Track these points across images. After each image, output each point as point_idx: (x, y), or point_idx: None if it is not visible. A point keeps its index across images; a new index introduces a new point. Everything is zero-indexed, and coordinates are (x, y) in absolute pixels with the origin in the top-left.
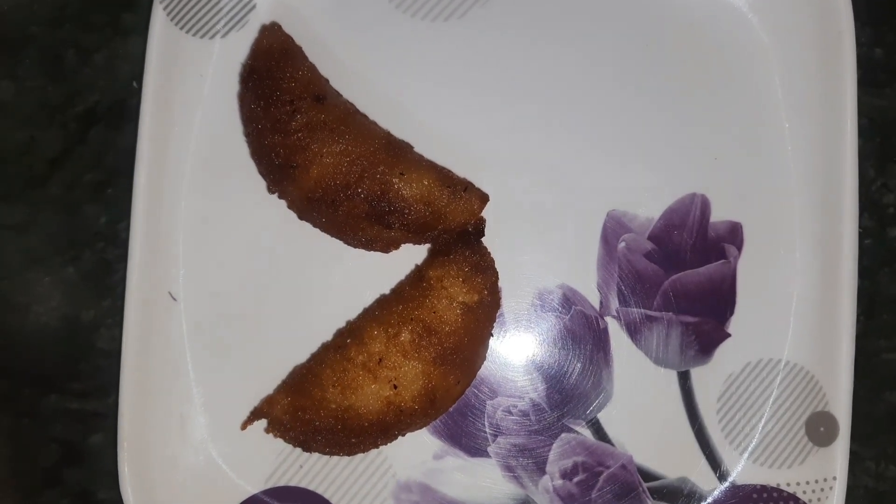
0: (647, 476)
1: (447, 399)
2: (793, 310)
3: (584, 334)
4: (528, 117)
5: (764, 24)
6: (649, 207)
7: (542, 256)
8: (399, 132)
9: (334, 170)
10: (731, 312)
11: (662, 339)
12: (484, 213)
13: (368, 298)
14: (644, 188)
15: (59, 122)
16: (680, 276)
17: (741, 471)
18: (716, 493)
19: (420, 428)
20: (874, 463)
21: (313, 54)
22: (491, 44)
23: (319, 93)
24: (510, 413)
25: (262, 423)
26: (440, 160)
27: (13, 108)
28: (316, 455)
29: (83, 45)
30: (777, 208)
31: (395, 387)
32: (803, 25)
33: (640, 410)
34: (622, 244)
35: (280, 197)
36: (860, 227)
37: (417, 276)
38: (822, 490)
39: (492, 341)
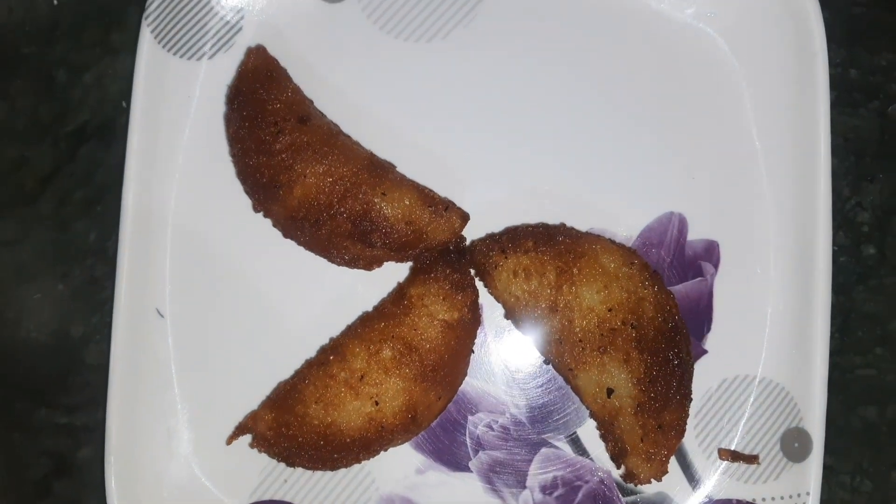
0: (626, 491)
1: (429, 415)
2: (768, 326)
3: None
4: (508, 137)
5: (733, 47)
6: (628, 226)
7: None
8: (382, 152)
9: (318, 189)
10: (708, 329)
11: None
12: (465, 232)
13: (351, 315)
14: (622, 207)
15: (50, 140)
16: None
17: (717, 485)
18: None
19: (402, 443)
20: (849, 477)
21: (298, 76)
22: (473, 65)
23: (303, 114)
24: (491, 428)
25: (247, 438)
26: (422, 180)
27: (5, 126)
28: (300, 470)
29: (73, 64)
30: (753, 227)
31: (377, 403)
32: (775, 48)
33: None
34: None
35: (265, 216)
36: (835, 244)
37: (399, 294)
38: None
39: (472, 357)
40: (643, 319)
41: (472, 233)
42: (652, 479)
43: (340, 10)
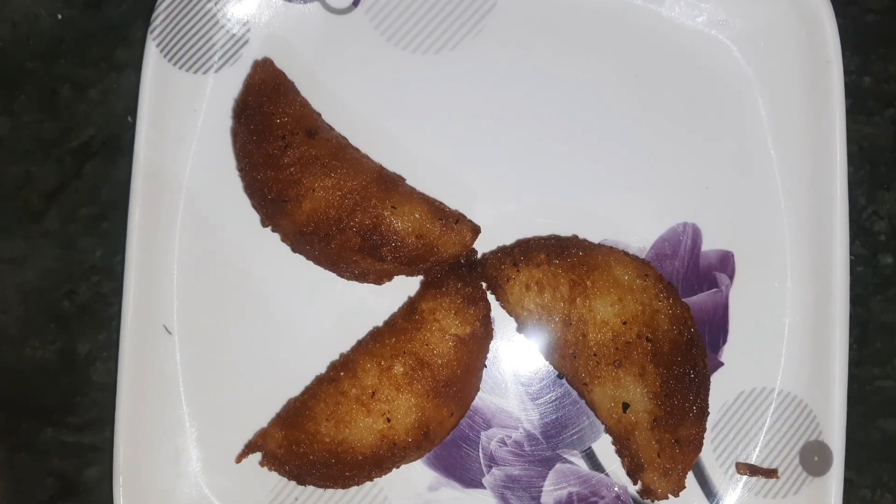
0: None
1: (441, 431)
2: (785, 338)
3: None
4: (519, 149)
5: (747, 56)
6: (641, 237)
7: None
8: (391, 165)
9: (327, 203)
10: (724, 341)
11: None
12: (476, 245)
13: (362, 331)
14: (635, 218)
15: (55, 156)
16: None
17: (736, 500)
18: None
19: (414, 460)
20: (870, 491)
21: (305, 89)
22: (481, 76)
23: (311, 127)
24: (504, 443)
25: (257, 456)
26: (432, 192)
27: (9, 143)
28: (311, 488)
29: (78, 80)
30: (768, 237)
31: (389, 420)
32: (790, 56)
33: None
34: None
35: (273, 231)
36: (852, 254)
37: (410, 309)
38: None
39: (485, 372)
40: (658, 332)
41: (483, 246)
42: (669, 495)
43: (348, 22)
